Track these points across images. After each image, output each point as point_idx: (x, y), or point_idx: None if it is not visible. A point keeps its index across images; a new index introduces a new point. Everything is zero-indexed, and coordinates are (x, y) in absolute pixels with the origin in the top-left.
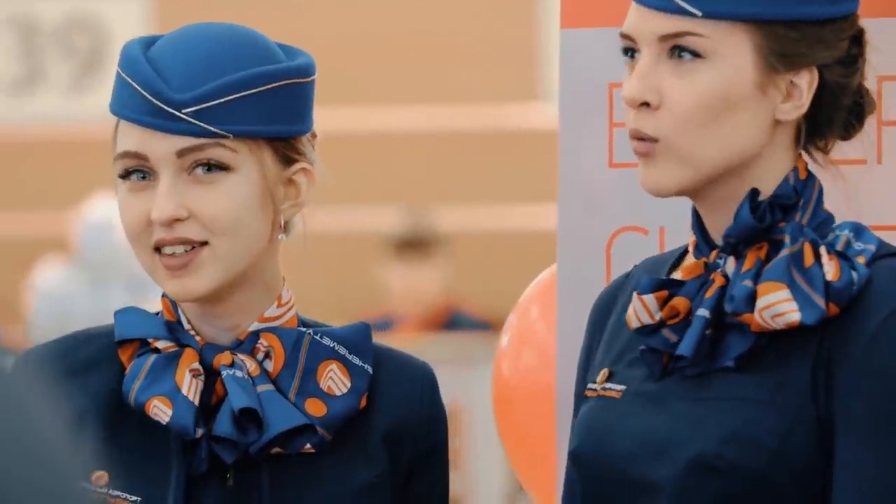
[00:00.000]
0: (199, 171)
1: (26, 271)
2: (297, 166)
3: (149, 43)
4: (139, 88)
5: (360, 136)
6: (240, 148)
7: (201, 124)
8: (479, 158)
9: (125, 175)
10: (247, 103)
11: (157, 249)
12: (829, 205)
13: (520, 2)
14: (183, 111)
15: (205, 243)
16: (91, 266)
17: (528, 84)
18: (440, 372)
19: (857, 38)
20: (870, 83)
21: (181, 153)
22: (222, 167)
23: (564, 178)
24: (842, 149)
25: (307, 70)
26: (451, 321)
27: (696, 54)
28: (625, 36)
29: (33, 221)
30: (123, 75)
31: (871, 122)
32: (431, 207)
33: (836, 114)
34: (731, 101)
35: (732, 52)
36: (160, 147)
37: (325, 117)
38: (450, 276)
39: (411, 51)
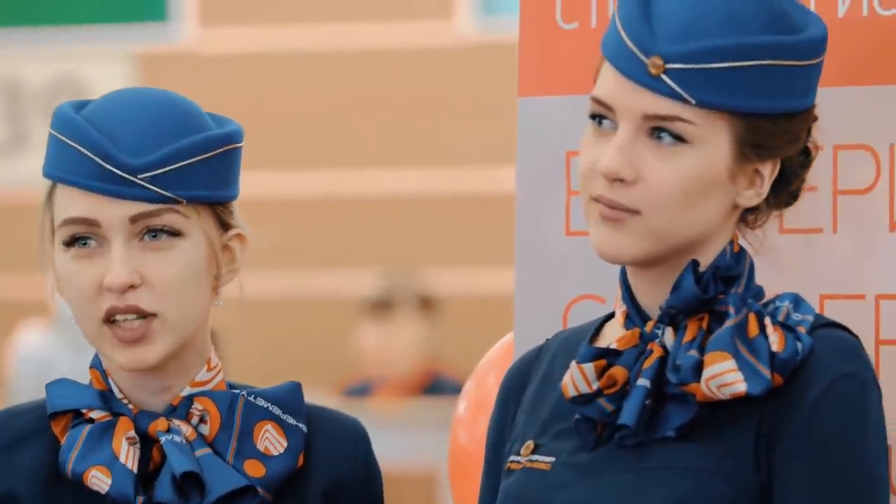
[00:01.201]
0: (149, 237)
1: (7, 334)
2: (232, 232)
3: (79, 106)
4: (86, 152)
5: (339, 199)
6: (190, 214)
7: (157, 190)
8: (461, 221)
9: (70, 242)
10: (196, 168)
11: (108, 319)
12: (784, 274)
13: (503, 67)
14: (139, 176)
15: (153, 315)
16: (72, 329)
17: (508, 148)
18: (420, 437)
19: (809, 129)
20: (825, 151)
21: (135, 219)
22: (173, 233)
23: (521, 245)
24: (798, 217)
25: (239, 136)
26: (431, 385)
27: (679, 139)
28: (600, 102)
29: (15, 284)
30: (63, 139)
31: (826, 191)
32: (412, 271)
33: (782, 197)
34: (705, 186)
35: (714, 139)
36: (112, 212)
37: (304, 181)
38: (431, 339)
39: (391, 114)
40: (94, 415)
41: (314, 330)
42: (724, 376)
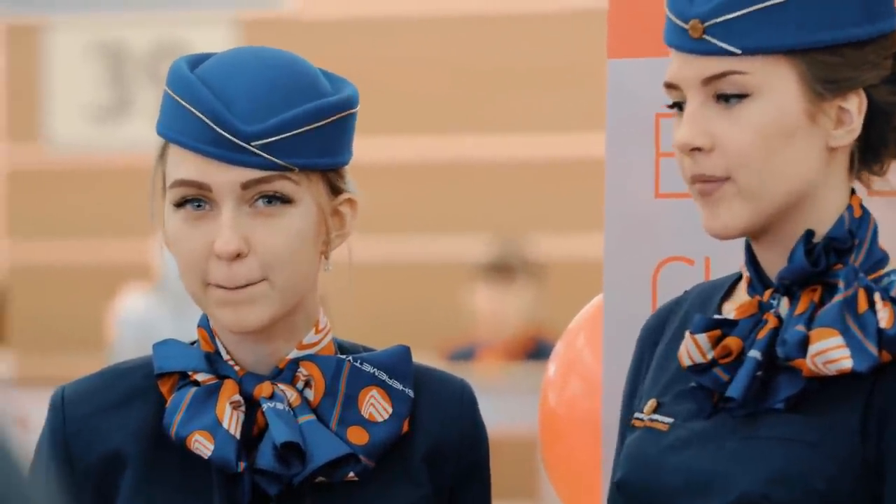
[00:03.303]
0: (261, 203)
1: (110, 298)
2: (342, 196)
3: (195, 62)
4: (200, 115)
5: (450, 164)
6: (302, 180)
7: (270, 157)
8: (568, 187)
9: (181, 203)
10: (309, 136)
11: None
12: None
13: (599, 32)
14: (252, 143)
15: (263, 279)
16: (174, 293)
17: None
18: (521, 401)
19: None
20: None
21: (246, 185)
22: (284, 200)
23: (610, 207)
24: (885, 180)
25: (355, 101)
26: (535, 350)
27: (742, 94)
28: (669, 85)
29: (118, 248)
30: (178, 98)
31: None
32: (520, 236)
33: (889, 134)
34: (783, 133)
35: (777, 84)
36: (224, 177)
37: (414, 146)
38: (536, 304)
39: (500, 81)
40: (200, 377)
41: (421, 294)
42: (829, 353)
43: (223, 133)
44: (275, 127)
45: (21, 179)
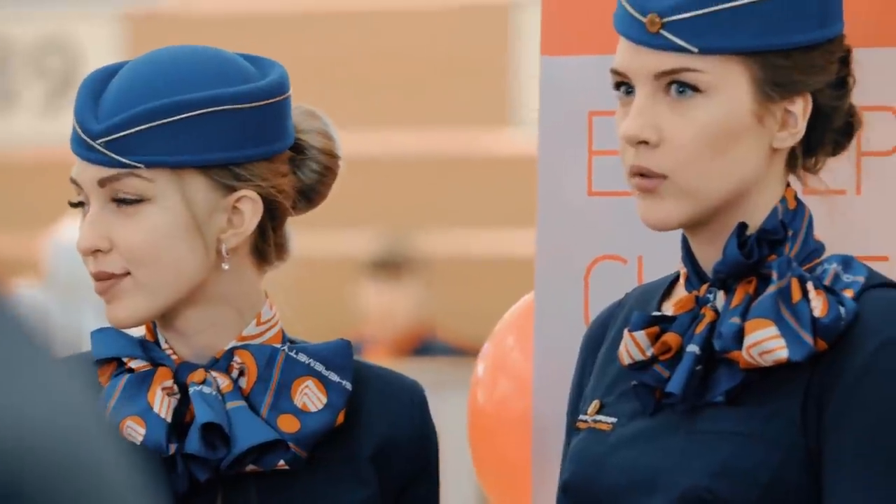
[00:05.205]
0: (119, 201)
1: None
2: (238, 193)
3: (121, 66)
4: (74, 116)
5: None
6: (157, 177)
7: (111, 155)
8: (456, 183)
9: (76, 203)
10: (163, 132)
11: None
12: (817, 231)
13: (494, 26)
14: (97, 142)
15: (127, 273)
16: (62, 288)
17: (503, 108)
18: None
19: (845, 59)
20: None
21: (102, 182)
22: (137, 198)
23: (543, 206)
24: (822, 179)
25: (256, 94)
26: (422, 347)
27: (694, 89)
28: (617, 72)
29: (5, 243)
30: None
31: (850, 153)
32: (408, 231)
33: (827, 135)
34: (731, 134)
35: (729, 84)
36: (86, 175)
37: None
38: (424, 300)
39: (387, 74)
40: (135, 364)
41: (307, 289)
42: (765, 343)
43: (79, 132)
44: (116, 125)
45: None
